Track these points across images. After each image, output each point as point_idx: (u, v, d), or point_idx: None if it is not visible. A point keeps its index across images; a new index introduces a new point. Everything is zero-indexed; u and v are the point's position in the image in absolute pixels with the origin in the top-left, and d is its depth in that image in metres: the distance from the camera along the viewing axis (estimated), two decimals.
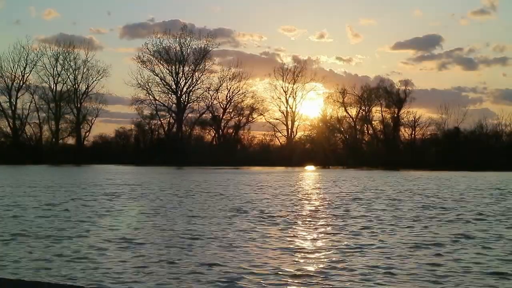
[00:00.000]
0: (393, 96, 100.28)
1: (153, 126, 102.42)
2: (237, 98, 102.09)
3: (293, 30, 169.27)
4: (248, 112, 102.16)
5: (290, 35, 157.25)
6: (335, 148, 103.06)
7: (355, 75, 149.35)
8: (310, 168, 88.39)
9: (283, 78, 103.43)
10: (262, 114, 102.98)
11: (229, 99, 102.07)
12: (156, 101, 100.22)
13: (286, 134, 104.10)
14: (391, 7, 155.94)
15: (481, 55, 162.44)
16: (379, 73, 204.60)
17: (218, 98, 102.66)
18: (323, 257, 10.34)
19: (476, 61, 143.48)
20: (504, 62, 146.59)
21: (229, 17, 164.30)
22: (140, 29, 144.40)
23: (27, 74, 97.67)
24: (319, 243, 11.98)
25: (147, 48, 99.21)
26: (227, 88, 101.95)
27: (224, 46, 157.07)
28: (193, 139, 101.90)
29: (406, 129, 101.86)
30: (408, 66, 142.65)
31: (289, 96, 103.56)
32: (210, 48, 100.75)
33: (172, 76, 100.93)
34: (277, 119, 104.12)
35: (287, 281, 8.53)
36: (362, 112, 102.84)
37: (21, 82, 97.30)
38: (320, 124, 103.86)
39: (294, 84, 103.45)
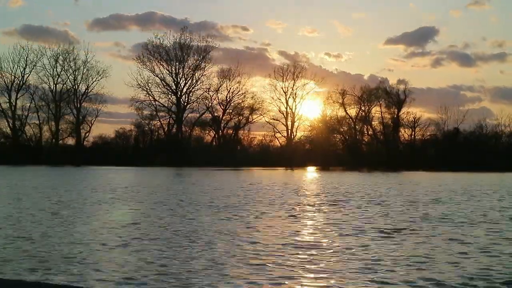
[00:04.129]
0: (392, 97, 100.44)
1: (152, 127, 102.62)
2: (237, 98, 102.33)
3: (280, 24, 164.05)
4: (248, 112, 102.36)
5: (278, 29, 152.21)
6: (335, 149, 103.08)
7: (348, 73, 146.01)
8: (310, 169, 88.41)
9: (283, 79, 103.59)
10: (262, 115, 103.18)
11: (229, 99, 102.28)
12: (156, 102, 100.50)
13: (286, 135, 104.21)
14: (384, 1, 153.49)
15: (477, 50, 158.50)
16: (373, 69, 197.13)
17: (218, 99, 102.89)
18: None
19: (473, 57, 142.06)
20: (502, 58, 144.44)
21: (214, 10, 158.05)
22: (112, 21, 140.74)
23: (27, 75, 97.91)
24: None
25: (147, 49, 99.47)
26: (227, 89, 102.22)
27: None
28: (193, 139, 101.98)
29: (406, 129, 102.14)
30: (402, 63, 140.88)
31: (289, 97, 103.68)
32: (210, 49, 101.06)
33: (172, 77, 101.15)
34: (277, 119, 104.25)
35: None
36: (361, 113, 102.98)
37: (21, 82, 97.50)
38: (320, 125, 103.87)
39: (294, 85, 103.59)
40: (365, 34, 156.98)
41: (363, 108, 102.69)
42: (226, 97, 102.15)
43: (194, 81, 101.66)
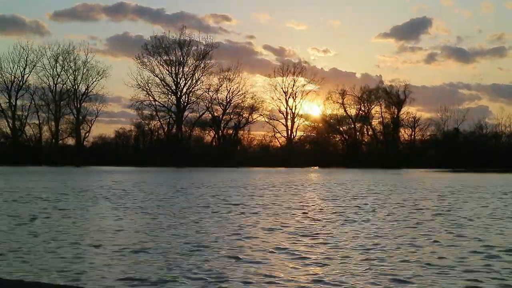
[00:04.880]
0: (392, 97, 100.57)
1: (152, 127, 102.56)
2: (237, 98, 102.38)
3: (265, 15, 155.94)
4: (248, 112, 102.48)
5: (261, 20, 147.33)
6: (335, 149, 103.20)
7: (339, 70, 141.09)
8: (310, 169, 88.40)
9: (283, 79, 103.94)
10: (262, 115, 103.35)
11: (229, 99, 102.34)
12: (156, 102, 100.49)
13: (286, 135, 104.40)
14: None
15: (474, 44, 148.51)
16: (363, 65, 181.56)
17: (218, 99, 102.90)
18: None
19: (469, 52, 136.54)
20: (501, 53, 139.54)
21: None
22: (79, 12, 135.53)
23: (27, 75, 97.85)
24: None
25: (146, 49, 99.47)
26: (227, 89, 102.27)
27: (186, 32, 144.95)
28: (193, 140, 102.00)
29: (406, 130, 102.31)
30: (394, 59, 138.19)
31: (289, 97, 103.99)
32: (211, 49, 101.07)
33: (172, 77, 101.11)
34: (276, 119, 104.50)
35: None
36: (361, 113, 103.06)
37: (21, 82, 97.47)
38: (320, 125, 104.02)
39: (294, 85, 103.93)
40: (354, 27, 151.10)
41: (363, 108, 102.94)
42: (226, 97, 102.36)
43: (194, 81, 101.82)
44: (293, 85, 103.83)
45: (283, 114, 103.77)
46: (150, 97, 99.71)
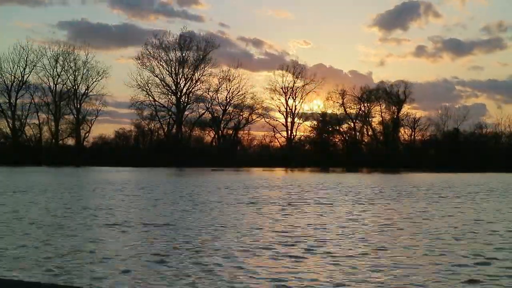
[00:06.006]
0: (392, 97, 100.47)
1: (152, 127, 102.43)
2: (236, 99, 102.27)
3: (239, 2, 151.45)
4: (248, 113, 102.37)
5: (235, 5, 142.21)
6: (335, 149, 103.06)
7: (325, 66, 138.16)
8: (310, 170, 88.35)
9: (283, 79, 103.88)
10: (261, 115, 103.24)
11: (228, 100, 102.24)
12: (156, 102, 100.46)
13: (286, 135, 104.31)
14: None
15: (469, 36, 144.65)
16: (350, 60, 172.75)
17: (218, 99, 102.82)
18: None
19: (466, 43, 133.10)
20: (499, 46, 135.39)
21: None
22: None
23: (27, 75, 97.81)
24: None
25: (146, 49, 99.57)
26: (226, 89, 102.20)
27: (156, 21, 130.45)
28: (192, 140, 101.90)
29: (406, 130, 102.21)
30: (380, 53, 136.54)
31: (289, 97, 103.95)
32: (211, 49, 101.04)
33: (172, 77, 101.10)
34: (277, 120, 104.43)
35: None
36: (361, 113, 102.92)
37: (21, 82, 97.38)
38: (320, 125, 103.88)
39: (294, 85, 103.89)
40: (334, 16, 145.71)
41: (363, 108, 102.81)
42: (226, 97, 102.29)
43: (194, 81, 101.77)
44: (293, 85, 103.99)
45: (283, 114, 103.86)
46: (150, 97, 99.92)
